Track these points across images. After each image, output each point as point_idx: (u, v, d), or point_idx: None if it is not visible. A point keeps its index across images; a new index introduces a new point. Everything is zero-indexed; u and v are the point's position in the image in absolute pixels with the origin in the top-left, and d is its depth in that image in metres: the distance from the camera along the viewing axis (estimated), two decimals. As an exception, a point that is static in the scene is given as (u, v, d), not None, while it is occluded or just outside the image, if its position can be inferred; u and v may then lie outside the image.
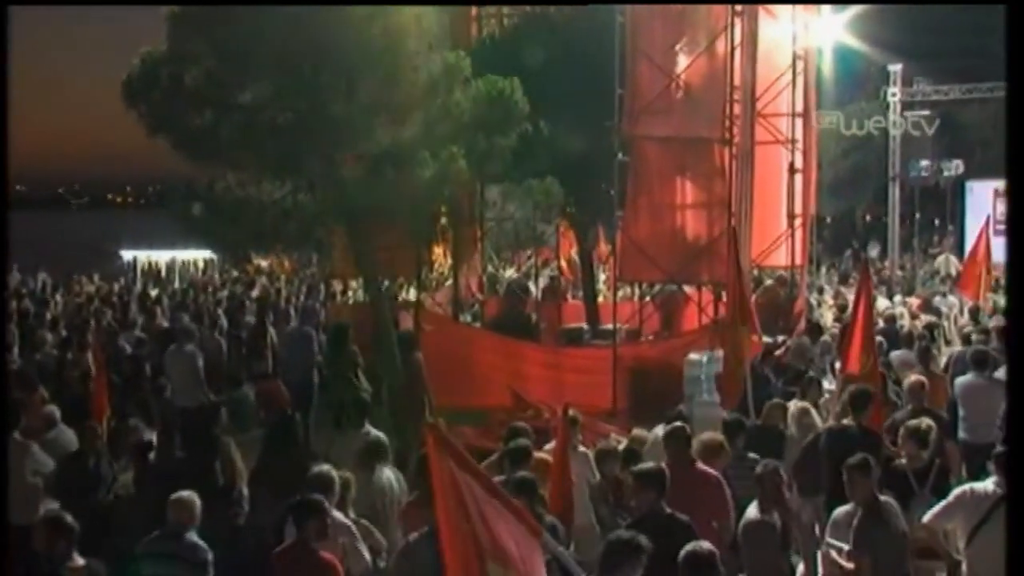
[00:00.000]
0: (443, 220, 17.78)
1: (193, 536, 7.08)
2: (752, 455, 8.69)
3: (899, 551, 7.17)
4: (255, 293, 25.79)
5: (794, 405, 10.43)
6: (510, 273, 24.33)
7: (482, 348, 16.52)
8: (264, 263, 35.01)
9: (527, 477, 7.32)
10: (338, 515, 7.33)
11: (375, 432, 9.51)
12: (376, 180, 11.79)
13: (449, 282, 21.01)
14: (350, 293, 23.20)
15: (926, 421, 8.49)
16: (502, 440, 9.15)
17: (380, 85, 11.42)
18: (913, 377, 10.63)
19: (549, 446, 9.19)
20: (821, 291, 24.24)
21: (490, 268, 23.68)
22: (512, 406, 14.03)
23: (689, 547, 5.63)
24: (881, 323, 16.09)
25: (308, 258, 32.61)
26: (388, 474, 8.61)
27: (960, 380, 11.78)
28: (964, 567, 7.29)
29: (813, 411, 10.23)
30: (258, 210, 12.15)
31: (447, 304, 19.75)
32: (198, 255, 36.87)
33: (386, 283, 17.52)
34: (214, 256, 34.62)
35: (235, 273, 33.50)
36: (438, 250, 23.17)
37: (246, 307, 21.29)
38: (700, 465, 8.21)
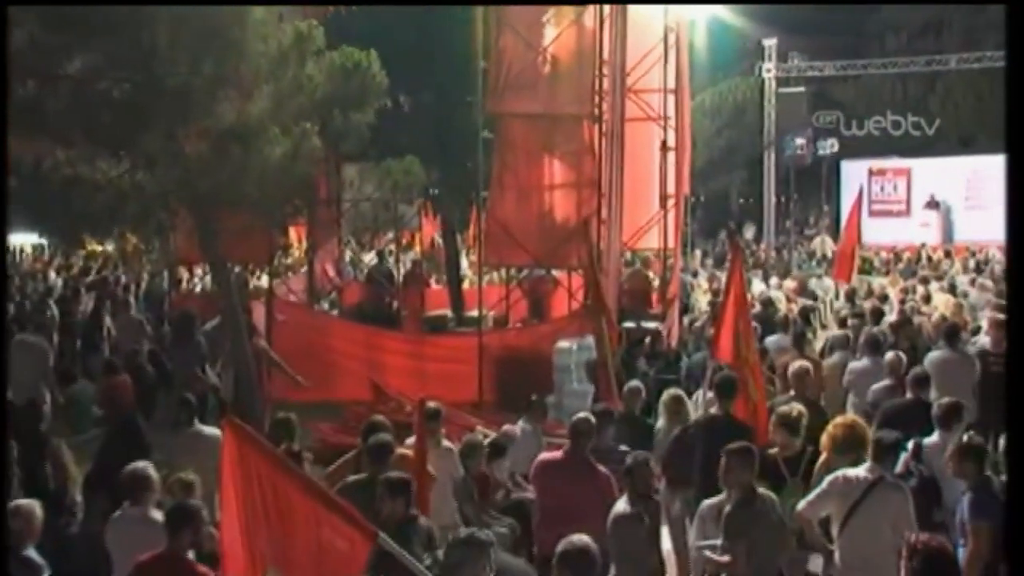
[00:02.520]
0: (296, 202, 17.53)
1: (31, 552, 6.74)
2: (623, 447, 8.82)
3: (776, 542, 7.38)
4: (90, 280, 25.02)
5: (666, 394, 10.56)
6: (369, 258, 24.24)
7: (340, 338, 16.40)
8: (100, 248, 33.99)
9: (401, 477, 7.34)
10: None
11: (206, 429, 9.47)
12: (222, 158, 11.57)
13: (304, 268, 20.80)
14: (196, 280, 22.80)
15: (797, 408, 8.70)
16: (360, 436, 9.12)
17: (225, 55, 11.20)
18: (797, 363, 10.92)
19: (411, 440, 9.19)
20: (695, 275, 24.75)
21: (348, 253, 23.54)
22: (372, 399, 13.97)
23: (564, 542, 5.69)
24: (757, 307, 16.56)
25: (151, 243, 31.80)
26: None
27: (853, 365, 12.19)
28: (836, 555, 7.55)
29: (687, 400, 10.38)
30: (91, 191, 11.79)
31: (302, 291, 19.55)
32: (25, 240, 35.56)
33: (236, 269, 17.25)
34: (44, 241, 33.50)
35: (68, 259, 32.43)
36: (292, 234, 22.93)
37: (81, 296, 20.65)
38: (592, 460, 8.34)
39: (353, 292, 20.22)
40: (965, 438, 8.01)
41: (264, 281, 19.36)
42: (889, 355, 11.39)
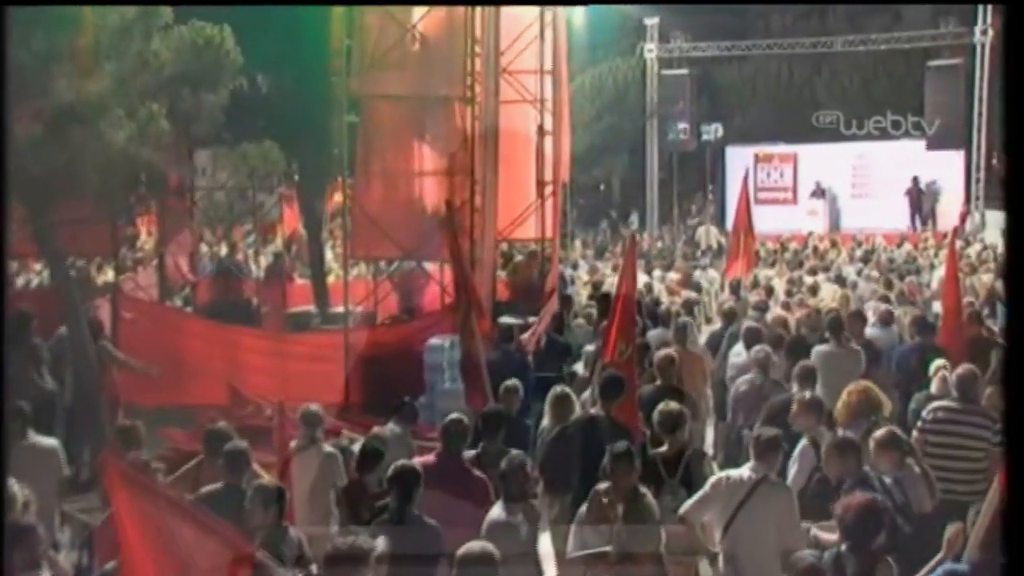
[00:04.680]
0: (143, 190, 17.17)
1: None
2: (515, 451, 8.83)
3: (657, 546, 7.50)
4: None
5: (551, 392, 10.62)
6: (226, 250, 23.88)
7: (194, 336, 16.11)
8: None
9: (277, 485, 7.31)
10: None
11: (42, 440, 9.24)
12: (58, 141, 11.27)
13: (154, 262, 20.39)
14: (33, 276, 22.14)
15: (674, 405, 8.89)
16: (202, 444, 9.04)
17: (59, 28, 10.90)
18: (663, 351, 11.11)
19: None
20: (575, 266, 24.92)
21: (202, 245, 23.13)
22: (228, 403, 13.78)
23: (464, 548, 5.92)
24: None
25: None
26: None
27: (733, 360, 12.46)
28: (720, 558, 7.70)
29: (574, 398, 10.44)
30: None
31: (152, 287, 19.15)
32: None
33: (76, 264, 16.83)
34: None
35: None
36: (140, 225, 22.46)
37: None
38: (467, 464, 8.34)
39: (207, 287, 19.89)
40: (839, 434, 8.32)
41: (110, 276, 18.89)
42: (756, 349, 11.68)
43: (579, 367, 13.00)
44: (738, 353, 12.71)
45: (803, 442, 8.84)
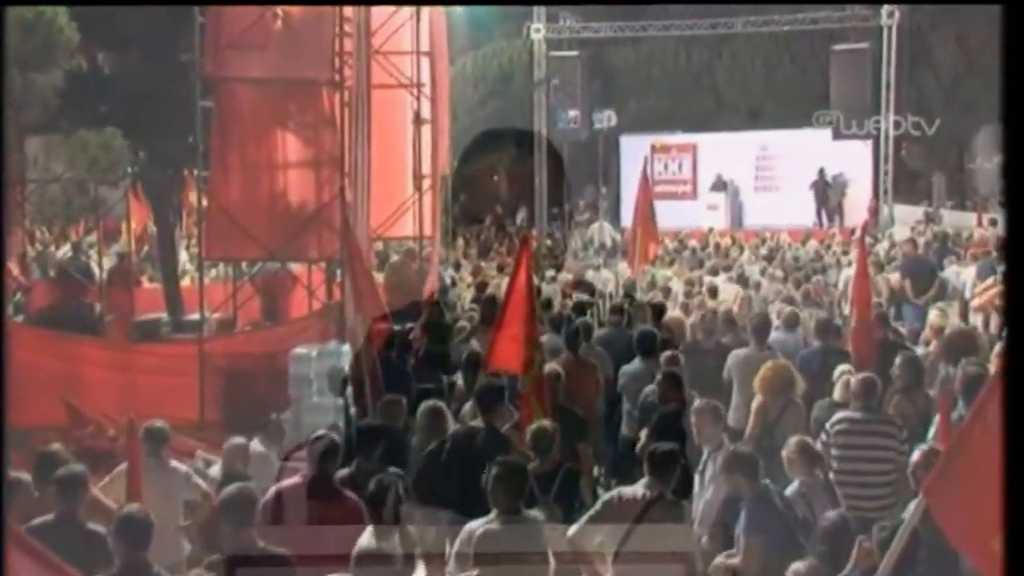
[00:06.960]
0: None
1: None
2: (394, 469, 8.79)
3: (542, 569, 7.51)
4: None
5: (423, 406, 10.58)
6: (64, 251, 23.41)
7: (25, 348, 15.65)
8: None
9: (143, 514, 7.19)
10: None
11: None
12: None
13: (-21, 265, 19.94)
14: None
15: (546, 423, 8.92)
16: (33, 470, 8.86)
17: None
18: (549, 365, 11.15)
19: (123, 467, 9.00)
20: (458, 267, 24.94)
21: (36, 245, 22.66)
22: (66, 423, 13.54)
23: None
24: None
25: None
26: None
27: (625, 369, 12.52)
28: (614, 583, 7.73)
29: (447, 414, 10.40)
30: None
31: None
32: None
33: None
34: None
35: None
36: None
37: None
38: (337, 485, 8.29)
39: (43, 293, 19.49)
40: (732, 448, 8.44)
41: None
42: (666, 355, 11.80)
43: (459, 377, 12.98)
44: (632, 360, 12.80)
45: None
